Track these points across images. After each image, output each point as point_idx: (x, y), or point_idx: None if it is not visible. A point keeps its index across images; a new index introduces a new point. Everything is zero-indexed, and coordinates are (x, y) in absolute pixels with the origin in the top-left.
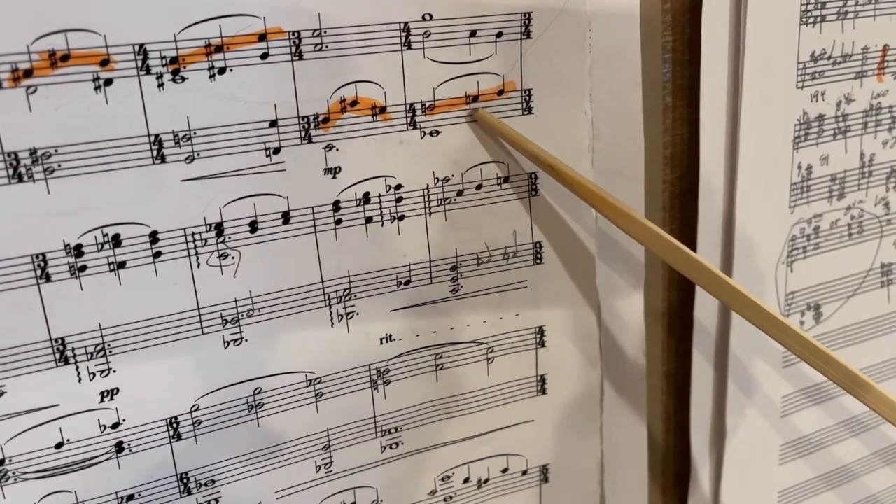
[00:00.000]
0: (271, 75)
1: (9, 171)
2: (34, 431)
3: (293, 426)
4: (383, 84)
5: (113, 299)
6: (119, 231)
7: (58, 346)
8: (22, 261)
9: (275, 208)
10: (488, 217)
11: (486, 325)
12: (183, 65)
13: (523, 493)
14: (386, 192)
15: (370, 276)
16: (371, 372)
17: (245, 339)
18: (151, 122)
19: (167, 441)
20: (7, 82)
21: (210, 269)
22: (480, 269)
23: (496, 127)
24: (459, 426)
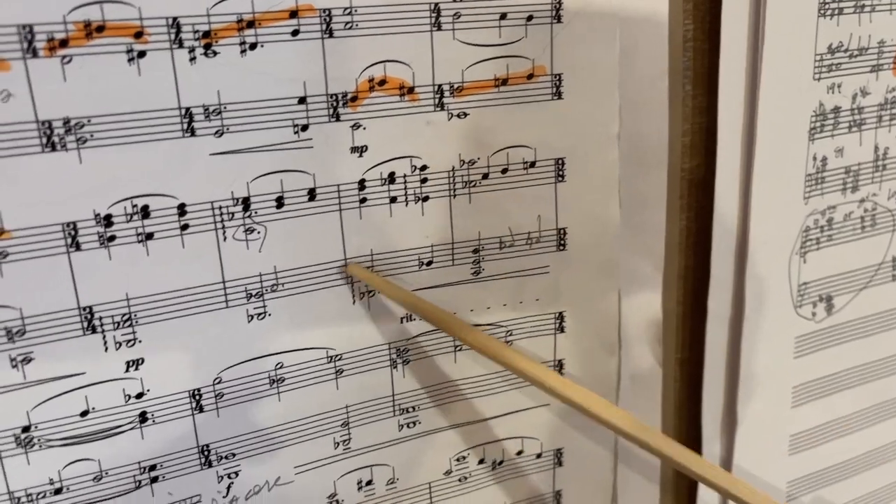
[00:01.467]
0: (301, 52)
1: (42, 140)
2: (60, 399)
3: (313, 402)
4: (412, 64)
5: (140, 270)
6: (148, 202)
7: (86, 315)
8: (53, 229)
9: (301, 185)
10: (513, 201)
11: (505, 308)
12: (215, 39)
13: (537, 475)
14: (411, 172)
15: (392, 255)
16: (391, 350)
17: (268, 314)
18: (183, 96)
19: (189, 413)
20: (43, 52)
21: (236, 242)
22: (503, 253)
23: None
24: (476, 407)
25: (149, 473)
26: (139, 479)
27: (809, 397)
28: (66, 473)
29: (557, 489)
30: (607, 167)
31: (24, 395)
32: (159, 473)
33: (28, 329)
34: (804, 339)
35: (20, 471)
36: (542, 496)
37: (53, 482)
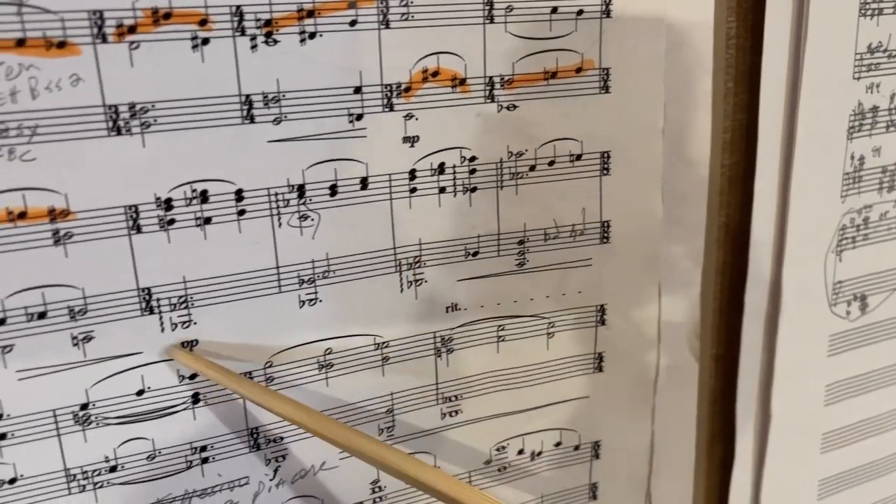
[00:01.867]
0: (358, 42)
1: (108, 124)
2: (118, 378)
3: (359, 388)
4: (464, 56)
5: (198, 253)
6: (207, 187)
7: (144, 296)
8: (116, 211)
9: (354, 173)
10: (558, 193)
11: (548, 300)
12: (276, 28)
13: (574, 467)
14: (461, 163)
15: (440, 245)
16: (436, 339)
17: (319, 300)
18: (243, 83)
19: (240, 396)
20: (112, 37)
21: (290, 229)
22: (547, 245)
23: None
24: (517, 398)
25: (199, 454)
26: (190, 459)
27: (842, 396)
28: (121, 451)
29: (593, 482)
30: (651, 161)
31: (84, 373)
32: (209, 454)
33: (89, 308)
34: (838, 337)
35: (77, 448)
36: (578, 488)
37: (109, 460)
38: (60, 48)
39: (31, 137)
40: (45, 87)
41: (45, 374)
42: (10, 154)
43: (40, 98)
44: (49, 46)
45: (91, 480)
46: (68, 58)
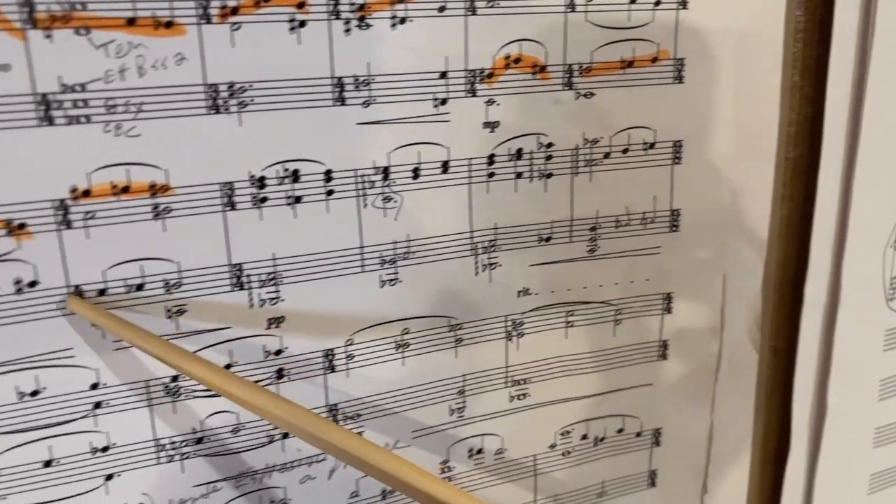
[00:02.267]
0: (446, 28)
1: (208, 103)
2: (208, 351)
3: (433, 369)
4: (546, 44)
5: (287, 231)
6: (298, 167)
7: (235, 272)
8: (212, 188)
9: (436, 157)
10: (631, 181)
11: (617, 287)
12: (369, 12)
13: (635, 454)
14: (538, 149)
15: (515, 229)
16: (507, 323)
17: (399, 280)
18: (336, 66)
19: (322, 372)
20: (216, 18)
21: (375, 210)
22: (618, 232)
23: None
24: (583, 384)
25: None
26: (272, 433)
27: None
28: (207, 424)
29: (653, 468)
30: (721, 152)
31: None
32: None
33: (184, 282)
34: (894, 332)
35: (167, 419)
36: (638, 475)
37: (195, 432)
38: (168, 28)
39: (136, 114)
40: (152, 65)
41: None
42: (117, 129)
43: (147, 76)
44: (157, 26)
45: (178, 451)
46: (174, 37)
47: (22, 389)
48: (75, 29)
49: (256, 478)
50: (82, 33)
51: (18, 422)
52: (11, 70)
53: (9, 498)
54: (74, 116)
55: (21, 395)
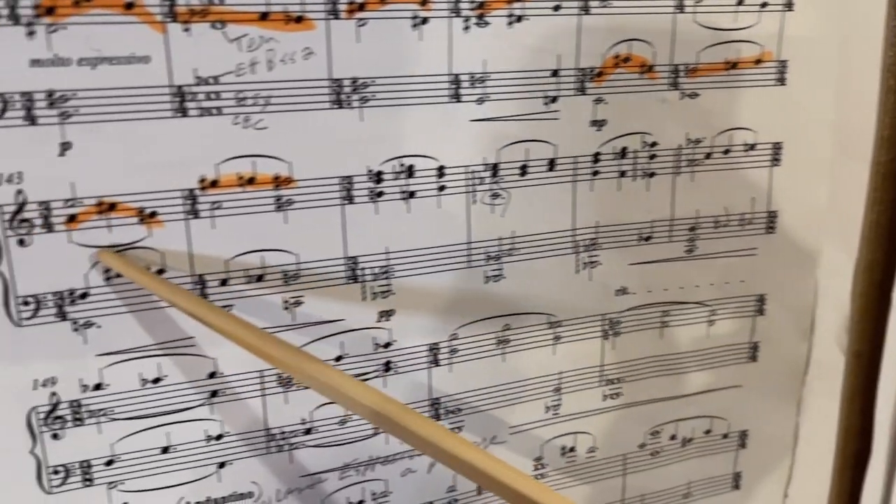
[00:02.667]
0: (560, 27)
1: (332, 97)
2: (320, 343)
3: (532, 365)
4: (654, 44)
5: (400, 226)
6: (414, 163)
7: (350, 264)
8: (332, 181)
9: (543, 154)
10: (731, 182)
11: (712, 287)
12: (488, 10)
13: (721, 456)
14: (642, 148)
15: (616, 228)
16: (604, 322)
17: (503, 276)
18: (454, 63)
19: (427, 366)
20: (344, 13)
21: (483, 206)
22: (716, 233)
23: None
24: (674, 384)
25: None
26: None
27: None
28: (316, 415)
29: (737, 471)
30: (820, 155)
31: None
32: None
33: (301, 274)
34: None
35: (278, 409)
36: (723, 477)
37: (304, 422)
38: (298, 22)
39: (264, 107)
40: (281, 59)
41: None
42: (246, 122)
43: (275, 70)
44: (288, 21)
45: (288, 441)
46: (303, 32)
47: (145, 376)
48: (212, 23)
49: (360, 470)
50: (218, 27)
51: (140, 408)
52: (151, 62)
53: (126, 482)
54: (206, 108)
55: (144, 381)
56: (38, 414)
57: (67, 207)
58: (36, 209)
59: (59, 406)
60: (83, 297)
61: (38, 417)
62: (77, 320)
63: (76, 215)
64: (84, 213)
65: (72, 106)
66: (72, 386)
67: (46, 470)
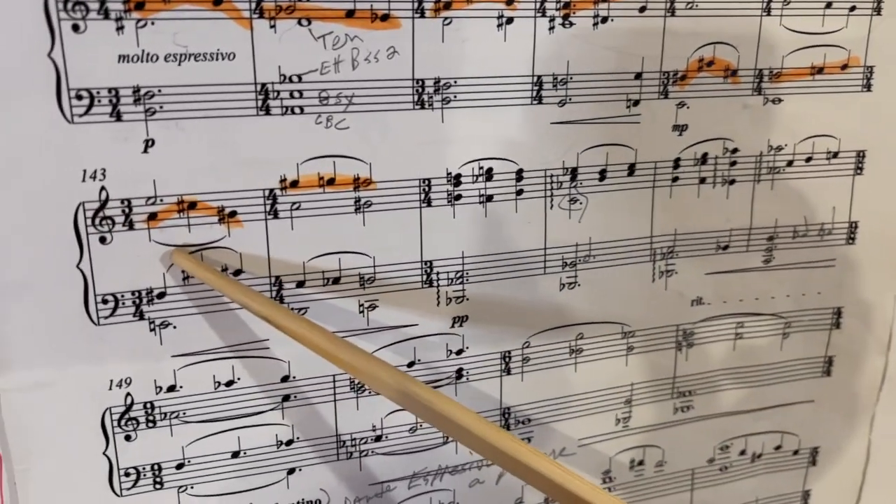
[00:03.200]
0: (645, 29)
1: (414, 98)
2: (393, 348)
3: (604, 376)
4: (739, 47)
5: (477, 230)
6: (493, 165)
7: (426, 269)
8: (411, 184)
9: (623, 159)
10: (812, 190)
11: (788, 299)
12: (573, 10)
13: (790, 472)
14: (722, 154)
15: (694, 236)
16: (678, 332)
17: (578, 284)
18: (537, 64)
19: (498, 374)
20: (430, 12)
21: (560, 211)
22: (795, 243)
23: (195, 270)
24: (745, 397)
25: None
26: (446, 434)
27: None
28: (387, 422)
29: (807, 488)
30: None
31: (365, 341)
32: None
33: (377, 277)
34: None
35: (349, 415)
36: (792, 494)
37: (375, 429)
38: (383, 21)
39: (346, 106)
40: (365, 58)
41: None
42: (328, 121)
43: (359, 69)
44: (374, 18)
45: (358, 448)
46: (389, 30)
47: (219, 379)
48: (298, 19)
49: (428, 479)
50: (304, 24)
51: (212, 411)
52: (235, 59)
53: (196, 486)
54: (289, 107)
55: (217, 384)
56: (112, 415)
57: (149, 205)
58: (118, 206)
59: (133, 407)
60: (161, 296)
61: (113, 418)
62: (154, 320)
63: (157, 213)
64: (164, 212)
65: (157, 102)
66: (146, 387)
67: (118, 472)
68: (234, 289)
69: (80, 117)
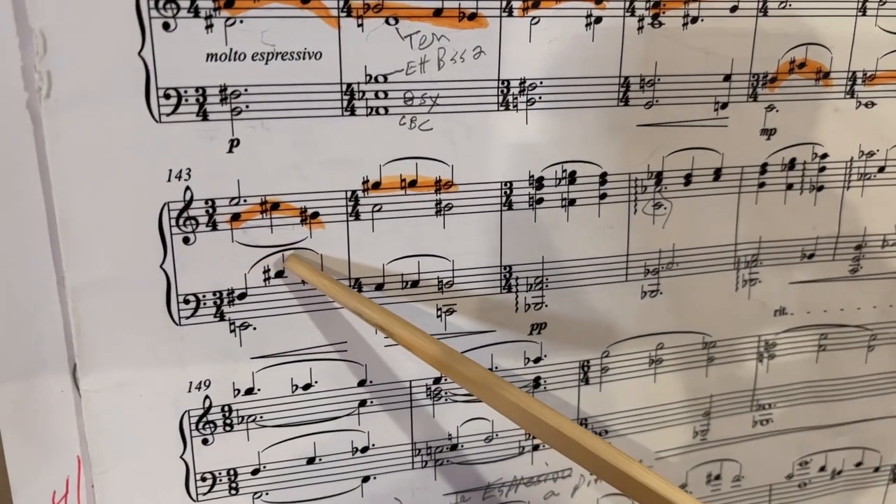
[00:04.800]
0: (735, 29)
1: (499, 99)
2: (471, 354)
3: (683, 387)
4: (832, 49)
5: (558, 234)
6: (576, 168)
7: (505, 274)
8: (493, 186)
9: (710, 163)
10: None
11: (874, 310)
12: (663, 10)
13: (870, 490)
14: (811, 159)
15: (779, 244)
16: (760, 343)
17: (660, 292)
18: (625, 65)
19: (576, 384)
20: (518, 11)
21: (644, 216)
22: (883, 252)
23: (308, 277)
24: (826, 412)
25: (532, 440)
26: (523, 444)
27: None
28: (462, 430)
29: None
30: None
31: None
32: (540, 442)
33: (456, 281)
34: None
35: (425, 423)
36: None
37: (451, 438)
38: (471, 20)
39: (431, 107)
40: (451, 58)
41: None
42: (412, 122)
43: (445, 69)
44: (461, 17)
45: (433, 457)
46: (475, 30)
47: (296, 382)
48: (385, 18)
49: (503, 490)
50: (391, 23)
51: (289, 415)
52: (322, 58)
53: (271, 493)
54: (374, 108)
55: (294, 387)
56: (190, 417)
57: (232, 206)
58: (202, 207)
59: (212, 410)
60: (242, 297)
61: (191, 421)
62: (234, 321)
63: (240, 214)
64: (248, 212)
65: (243, 102)
66: (225, 389)
67: (195, 476)
68: (348, 296)
69: (168, 116)
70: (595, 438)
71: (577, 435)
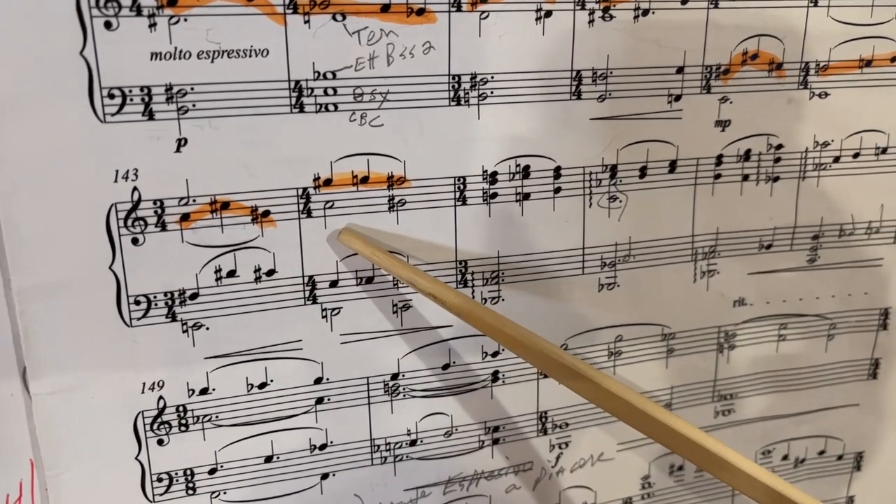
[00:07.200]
0: (687, 21)
1: (450, 94)
2: (427, 350)
3: (642, 379)
4: (784, 40)
5: (513, 229)
6: (530, 163)
7: (460, 268)
8: (446, 182)
9: (664, 156)
10: (858, 188)
11: (833, 300)
12: (614, 3)
13: (833, 478)
14: (766, 150)
15: (736, 235)
16: (720, 334)
17: (617, 285)
18: (576, 58)
19: (535, 377)
20: (466, 5)
21: (599, 210)
22: (841, 242)
23: (363, 250)
24: (788, 401)
25: (491, 434)
26: (483, 439)
27: None
28: (421, 426)
29: (850, 495)
30: None
31: (398, 343)
32: (500, 436)
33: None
34: None
35: (384, 419)
36: (835, 501)
37: (410, 433)
38: (419, 15)
39: (381, 103)
40: (400, 53)
41: (364, 339)
42: (362, 119)
43: (394, 64)
44: (409, 13)
45: (392, 453)
46: (424, 25)
47: (251, 381)
48: (332, 14)
49: (464, 484)
50: (338, 19)
51: (245, 414)
52: (269, 56)
53: (229, 492)
54: (323, 104)
55: (250, 386)
56: (144, 419)
57: (181, 206)
58: (150, 207)
59: (166, 411)
60: (193, 297)
61: (145, 422)
62: (187, 322)
63: (189, 214)
64: (197, 212)
65: (189, 101)
66: (179, 390)
67: (151, 477)
68: (402, 268)
69: (112, 116)
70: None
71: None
